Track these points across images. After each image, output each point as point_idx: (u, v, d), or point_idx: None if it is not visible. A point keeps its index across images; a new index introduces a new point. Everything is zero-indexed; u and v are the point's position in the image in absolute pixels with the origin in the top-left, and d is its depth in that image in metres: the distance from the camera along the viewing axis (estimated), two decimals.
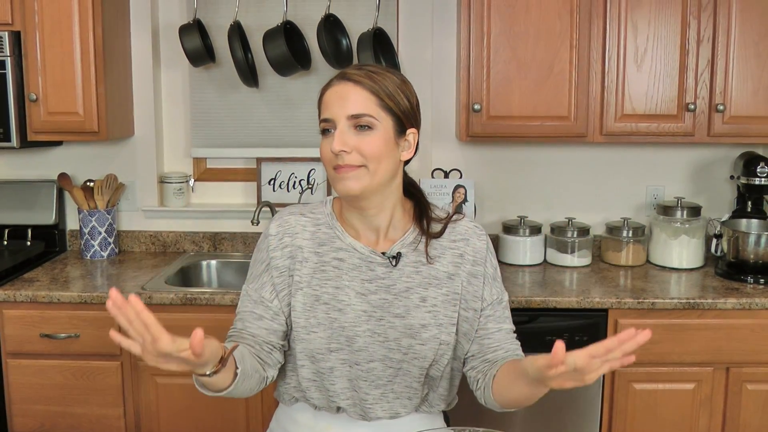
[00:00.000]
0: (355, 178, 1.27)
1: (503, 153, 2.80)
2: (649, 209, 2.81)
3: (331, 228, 1.37)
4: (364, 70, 1.30)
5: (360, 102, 1.27)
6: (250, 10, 2.74)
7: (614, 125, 2.46)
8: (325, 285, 1.34)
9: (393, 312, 1.33)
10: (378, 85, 1.28)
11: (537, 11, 2.40)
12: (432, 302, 1.34)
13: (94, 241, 2.72)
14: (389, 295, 1.33)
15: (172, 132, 2.87)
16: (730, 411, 2.28)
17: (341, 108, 1.27)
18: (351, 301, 1.33)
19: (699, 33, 2.41)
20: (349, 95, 1.27)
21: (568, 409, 2.30)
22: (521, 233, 2.64)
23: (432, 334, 1.33)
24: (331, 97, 1.29)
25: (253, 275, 1.40)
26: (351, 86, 1.28)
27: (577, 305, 2.23)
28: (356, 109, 1.27)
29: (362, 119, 1.27)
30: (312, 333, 1.32)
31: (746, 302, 2.22)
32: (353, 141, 1.26)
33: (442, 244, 1.38)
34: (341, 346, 1.32)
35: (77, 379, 2.30)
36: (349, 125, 1.27)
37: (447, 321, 1.35)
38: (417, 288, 1.34)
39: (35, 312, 2.28)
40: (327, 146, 1.28)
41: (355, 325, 1.32)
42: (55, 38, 2.43)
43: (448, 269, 1.37)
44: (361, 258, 1.34)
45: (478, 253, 1.39)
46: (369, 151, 1.27)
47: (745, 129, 2.45)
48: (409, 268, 1.35)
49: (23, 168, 2.85)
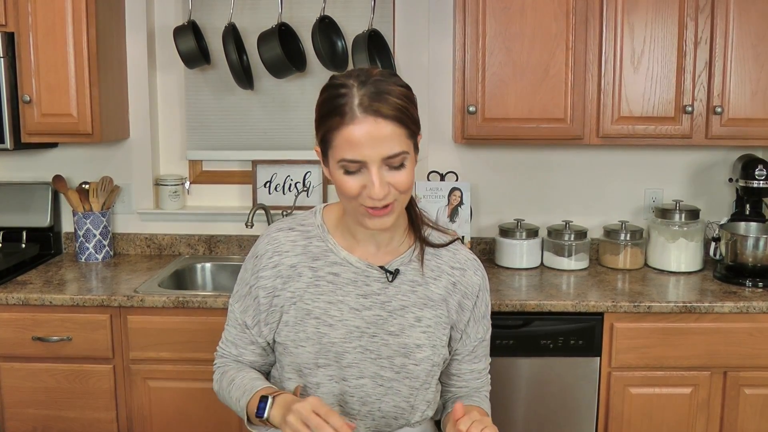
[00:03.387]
0: (389, 215, 1.21)
1: (500, 156, 2.78)
2: (647, 212, 2.79)
3: (324, 241, 1.32)
4: (388, 98, 1.16)
5: (395, 140, 1.16)
6: (245, 12, 2.73)
7: (611, 127, 2.44)
8: (318, 299, 1.30)
9: (387, 329, 1.30)
10: (404, 114, 1.18)
11: (532, 13, 2.39)
12: (427, 323, 1.32)
13: (89, 244, 2.71)
14: (384, 311, 1.30)
15: (168, 134, 2.86)
16: (728, 415, 2.26)
17: (375, 150, 1.15)
18: (343, 317, 1.29)
19: (696, 35, 2.39)
20: (383, 135, 1.15)
21: (564, 415, 2.28)
22: (518, 236, 2.62)
23: (426, 355, 1.31)
24: (359, 138, 1.15)
25: (239, 294, 1.38)
26: (383, 124, 1.15)
27: (573, 309, 2.21)
28: (392, 149, 1.16)
29: (397, 158, 1.17)
30: (300, 347, 1.29)
31: (744, 305, 2.20)
32: (388, 179, 1.18)
33: (441, 267, 1.35)
34: (329, 362, 1.29)
35: (69, 383, 2.29)
36: (383, 164, 1.17)
37: (440, 343, 1.33)
38: (412, 307, 1.31)
39: (27, 315, 2.26)
40: (354, 184, 1.18)
41: (345, 341, 1.29)
42: (49, 40, 2.42)
43: (443, 293, 1.34)
44: (357, 272, 1.31)
45: (470, 287, 1.36)
46: (404, 187, 1.20)
47: (744, 131, 2.43)
48: (405, 287, 1.32)
49: (18, 170, 2.84)
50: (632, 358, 2.23)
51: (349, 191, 1.19)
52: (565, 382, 2.27)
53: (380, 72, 1.22)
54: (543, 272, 2.59)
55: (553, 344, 2.23)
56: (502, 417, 2.29)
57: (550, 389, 2.27)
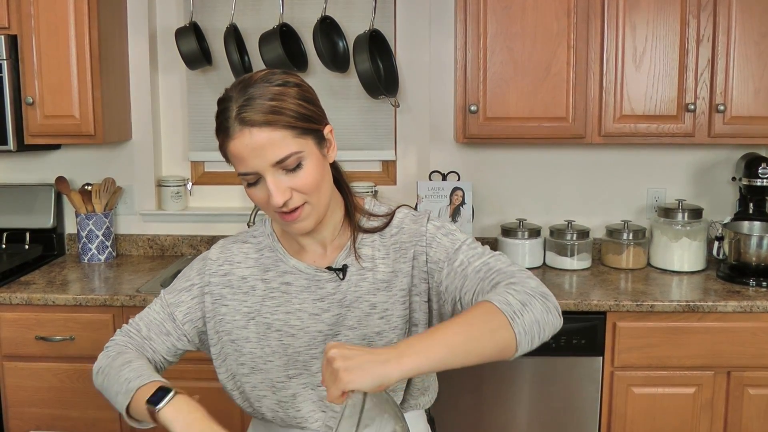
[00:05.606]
0: (304, 219, 1.18)
1: (501, 155, 2.78)
2: (649, 212, 2.77)
3: (273, 251, 1.29)
4: (257, 102, 1.10)
5: (277, 146, 1.10)
6: (246, 13, 2.74)
7: (613, 126, 2.43)
8: (275, 312, 1.26)
9: (347, 325, 1.25)
10: (283, 114, 1.11)
11: (533, 12, 2.39)
12: (383, 307, 1.25)
13: (92, 245, 2.71)
14: (342, 308, 1.25)
15: (170, 135, 2.87)
16: (732, 416, 2.24)
17: (260, 159, 1.11)
18: (304, 324, 1.25)
19: (699, 33, 2.38)
20: (263, 143, 1.10)
21: (567, 414, 2.27)
22: (520, 236, 2.61)
23: (388, 340, 1.24)
24: (241, 151, 1.11)
25: (175, 287, 1.32)
26: (256, 132, 1.10)
27: (575, 308, 2.20)
28: (277, 155, 1.11)
29: (289, 161, 1.12)
30: (268, 362, 1.26)
31: (748, 305, 2.18)
32: (287, 183, 1.13)
33: (384, 243, 1.27)
34: (299, 371, 1.26)
35: (72, 382, 2.30)
36: (277, 169, 1.12)
37: (401, 322, 1.25)
38: (365, 296, 1.25)
39: (30, 314, 2.27)
40: (260, 195, 1.15)
41: (310, 348, 1.25)
42: (52, 42, 2.43)
43: (392, 267, 1.25)
44: (308, 278, 1.26)
45: (414, 235, 1.26)
46: (309, 188, 1.15)
47: (747, 129, 2.42)
48: (355, 277, 1.26)
49: (21, 172, 2.85)
50: (635, 358, 2.22)
51: (258, 202, 1.17)
52: (568, 382, 2.26)
53: (262, 75, 1.16)
54: (545, 272, 2.58)
55: (555, 344, 2.22)
56: (505, 416, 2.28)
57: (553, 389, 2.27)
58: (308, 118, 1.15)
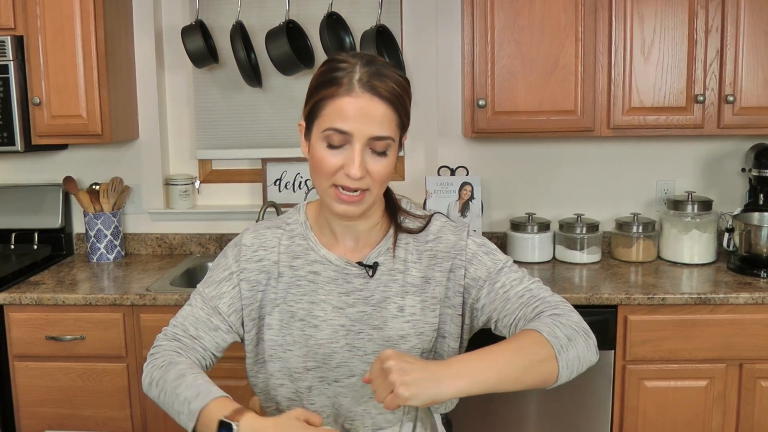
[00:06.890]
0: (358, 204, 1.18)
1: (510, 149, 2.77)
2: (659, 204, 2.76)
3: (305, 239, 1.30)
4: (388, 79, 1.16)
5: (385, 123, 1.15)
6: (252, 10, 2.73)
7: (622, 119, 2.42)
8: (300, 300, 1.26)
9: (371, 324, 1.25)
10: (399, 101, 1.17)
11: (541, 5, 2.37)
12: (410, 311, 1.25)
13: (100, 244, 2.72)
14: (368, 306, 1.25)
15: (177, 134, 2.87)
16: (744, 408, 2.23)
17: (365, 125, 1.14)
18: (327, 317, 1.25)
19: (707, 23, 2.37)
20: (376, 114, 1.14)
21: (579, 408, 2.27)
22: (529, 230, 2.60)
23: (412, 345, 1.25)
24: (352, 111, 1.14)
25: (212, 279, 1.31)
26: (377, 103, 1.14)
27: (586, 302, 2.20)
28: (381, 130, 1.15)
29: (382, 143, 1.16)
30: (288, 351, 1.26)
31: (759, 296, 2.17)
32: (368, 165, 1.16)
33: (418, 248, 1.28)
34: (318, 364, 1.26)
35: (83, 381, 2.30)
36: (367, 146, 1.15)
37: (428, 328, 1.26)
38: (394, 297, 1.25)
39: (41, 314, 2.28)
40: (334, 160, 1.16)
41: (332, 341, 1.25)
42: (58, 42, 2.43)
43: (425, 273, 1.27)
44: (337, 270, 1.26)
45: (453, 248, 1.27)
46: (381, 178, 1.18)
47: (756, 120, 2.40)
48: (385, 277, 1.26)
49: (29, 172, 2.85)
50: (647, 351, 2.21)
51: (327, 167, 1.16)
52: (580, 376, 2.21)
53: (384, 60, 1.22)
54: (555, 266, 2.58)
55: None
56: (517, 411, 2.28)
57: (565, 383, 2.25)
58: (408, 118, 1.22)
